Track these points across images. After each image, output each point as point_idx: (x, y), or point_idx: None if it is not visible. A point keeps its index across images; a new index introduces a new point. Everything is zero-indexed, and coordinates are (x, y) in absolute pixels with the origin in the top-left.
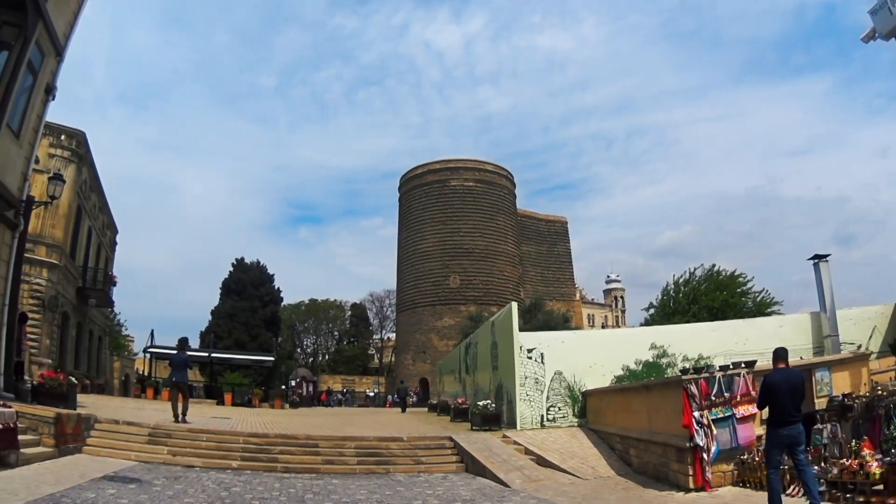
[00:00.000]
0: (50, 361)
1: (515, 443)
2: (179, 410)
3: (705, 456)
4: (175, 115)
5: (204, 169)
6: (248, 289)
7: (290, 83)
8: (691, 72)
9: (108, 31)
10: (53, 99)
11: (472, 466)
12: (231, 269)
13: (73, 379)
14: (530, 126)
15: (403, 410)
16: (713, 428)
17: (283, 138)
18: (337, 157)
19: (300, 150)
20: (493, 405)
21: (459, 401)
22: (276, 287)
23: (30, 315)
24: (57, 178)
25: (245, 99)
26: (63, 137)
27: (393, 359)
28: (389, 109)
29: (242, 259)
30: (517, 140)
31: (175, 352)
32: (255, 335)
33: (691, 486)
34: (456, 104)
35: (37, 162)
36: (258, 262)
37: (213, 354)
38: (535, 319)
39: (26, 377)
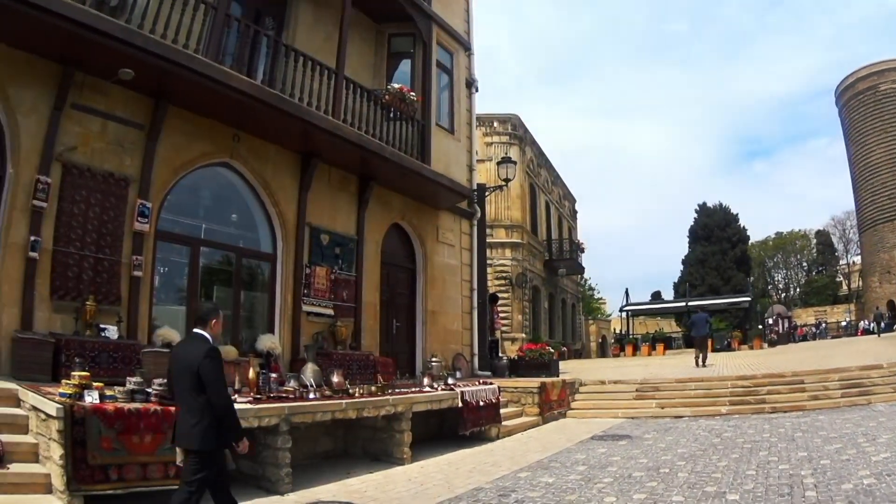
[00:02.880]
0: (524, 336)
1: None
2: (700, 360)
3: None
4: (599, 79)
5: (644, 124)
6: (714, 232)
7: (702, 23)
8: None
9: (508, 19)
10: (477, 91)
11: None
12: (695, 215)
13: (550, 348)
14: None
15: (879, 336)
16: None
17: (712, 78)
18: (768, 85)
19: (732, 86)
20: None
21: None
22: (742, 226)
23: (499, 295)
24: (506, 160)
25: (663, 49)
26: (496, 125)
27: (860, 284)
28: (801, 27)
29: (705, 204)
30: None
31: (697, 312)
32: (728, 278)
33: None
34: (859, 6)
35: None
36: (721, 204)
37: (690, 303)
38: None
39: (501, 354)
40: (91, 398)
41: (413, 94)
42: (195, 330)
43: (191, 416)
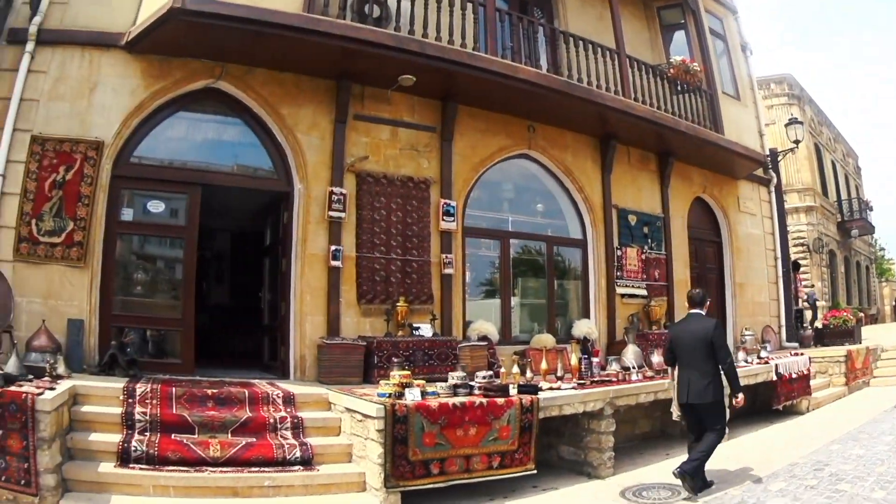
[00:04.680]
0: (824, 303)
1: None
2: None
3: None
4: (856, 28)
5: None
6: None
7: None
8: None
9: None
10: (751, 54)
11: None
12: None
13: (849, 316)
14: None
15: None
16: None
17: None
18: None
19: None
20: None
21: None
22: None
23: (800, 262)
24: (794, 121)
25: None
26: (772, 87)
27: None
28: None
29: None
30: None
31: None
32: None
33: None
34: None
35: None
36: None
37: None
38: None
39: (805, 324)
40: (412, 396)
41: (695, 64)
42: (694, 311)
43: (704, 377)
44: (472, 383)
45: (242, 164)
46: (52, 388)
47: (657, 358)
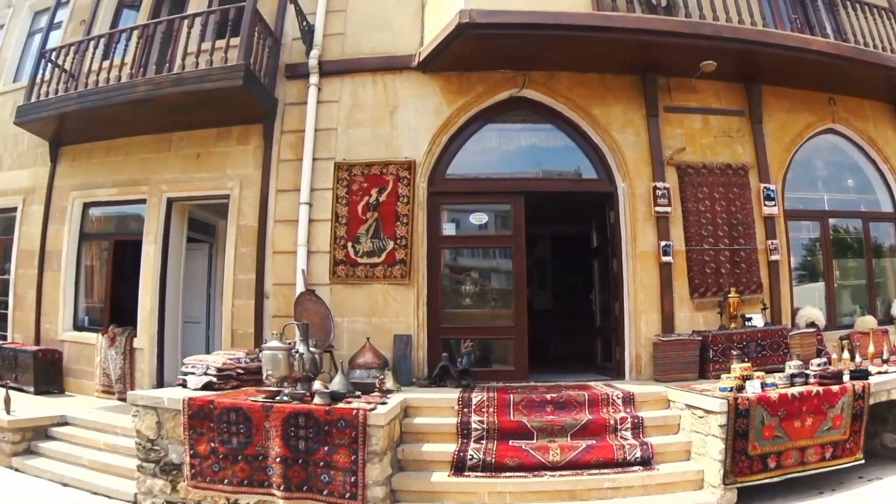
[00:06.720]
0: None
1: None
2: None
3: None
4: None
5: None
6: None
7: None
8: None
9: None
10: None
11: None
12: None
13: None
14: None
15: None
16: None
17: None
18: None
19: None
20: None
21: None
22: None
23: None
24: None
25: None
26: None
27: None
28: None
29: None
30: None
31: None
32: None
33: None
34: None
35: None
36: None
37: None
38: None
39: None
40: (753, 389)
41: None
42: None
43: None
44: (807, 371)
45: (560, 169)
46: (383, 403)
47: None
